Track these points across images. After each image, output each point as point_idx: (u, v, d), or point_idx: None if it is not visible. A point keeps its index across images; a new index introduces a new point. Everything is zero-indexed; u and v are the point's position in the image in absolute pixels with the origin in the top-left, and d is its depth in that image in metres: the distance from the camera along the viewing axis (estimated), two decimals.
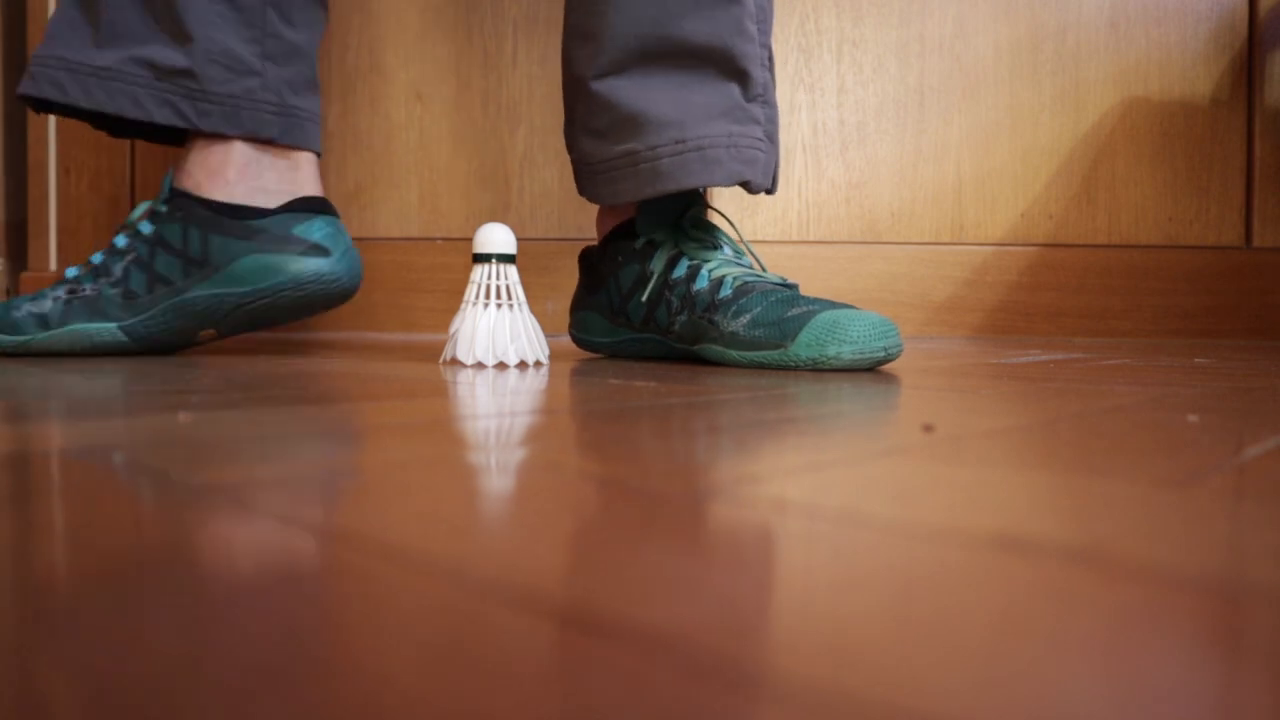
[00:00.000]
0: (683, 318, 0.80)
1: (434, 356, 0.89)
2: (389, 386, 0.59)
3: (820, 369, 0.71)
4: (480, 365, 0.77)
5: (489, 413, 0.47)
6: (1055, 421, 0.44)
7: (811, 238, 1.42)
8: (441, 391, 0.57)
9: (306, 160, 0.90)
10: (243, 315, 0.86)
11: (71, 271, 0.86)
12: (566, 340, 1.23)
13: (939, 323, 1.42)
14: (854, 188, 1.43)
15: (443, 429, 0.41)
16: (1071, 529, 0.23)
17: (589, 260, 0.93)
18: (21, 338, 0.83)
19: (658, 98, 0.76)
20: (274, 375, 0.67)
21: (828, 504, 0.26)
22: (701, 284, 0.79)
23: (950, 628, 0.16)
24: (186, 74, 0.83)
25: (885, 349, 0.71)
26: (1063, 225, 1.43)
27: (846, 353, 0.69)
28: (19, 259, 1.51)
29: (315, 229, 0.86)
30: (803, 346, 0.70)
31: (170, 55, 0.83)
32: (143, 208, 0.88)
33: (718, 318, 0.76)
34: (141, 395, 0.54)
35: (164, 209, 0.85)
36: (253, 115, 0.85)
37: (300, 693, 0.13)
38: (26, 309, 0.84)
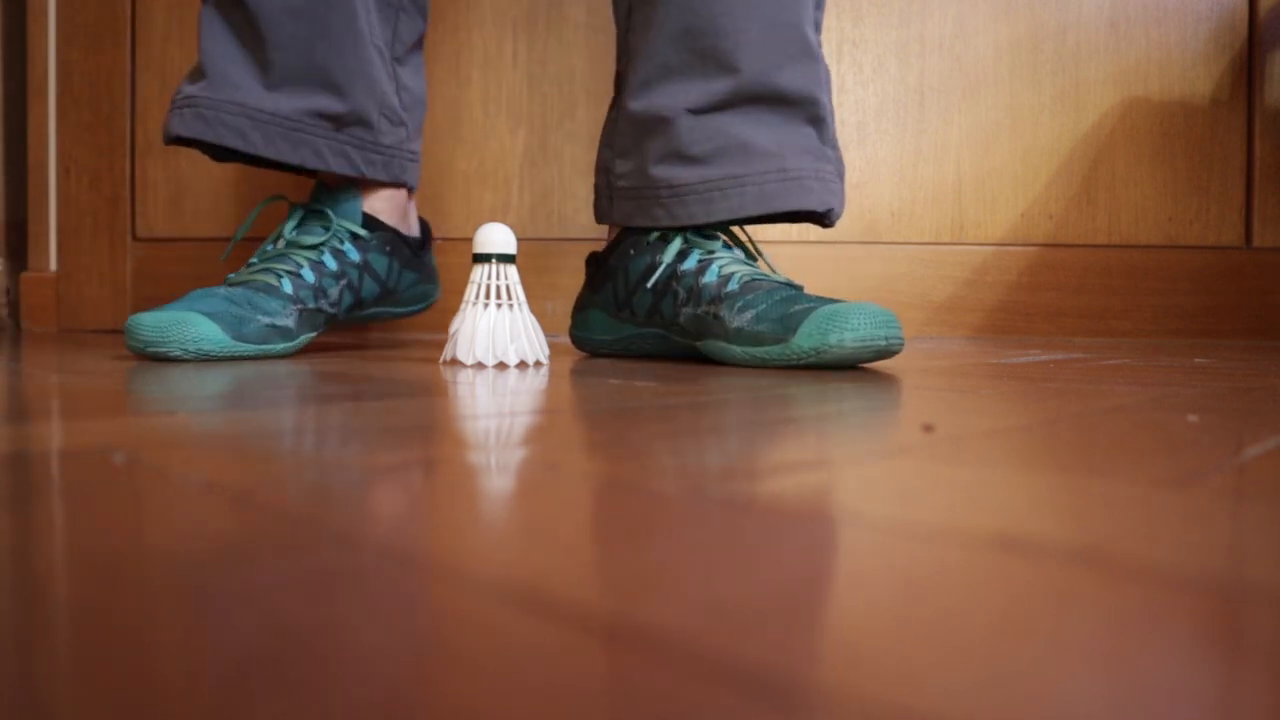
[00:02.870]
0: (688, 310, 0.80)
1: (434, 356, 0.89)
2: (389, 386, 0.59)
3: (823, 359, 0.70)
4: (480, 365, 0.77)
5: (489, 413, 0.47)
6: (1055, 421, 0.44)
7: (812, 238, 1.42)
8: (441, 391, 0.57)
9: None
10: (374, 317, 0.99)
11: (287, 286, 0.85)
12: (566, 340, 1.23)
13: (939, 323, 1.42)
14: (854, 188, 1.43)
15: (443, 429, 0.41)
16: (1071, 529, 0.23)
17: (597, 259, 0.93)
18: (266, 346, 0.82)
19: (761, 132, 0.83)
20: (273, 375, 0.67)
21: (828, 504, 0.26)
22: (710, 278, 0.80)
23: (950, 628, 0.16)
24: (363, 124, 0.90)
25: (886, 338, 0.70)
26: (1063, 225, 1.43)
27: (849, 340, 0.69)
28: (19, 259, 1.51)
29: (430, 258, 1.04)
30: (804, 337, 0.70)
31: (346, 106, 0.89)
32: (293, 221, 0.90)
33: (723, 312, 0.77)
34: (144, 396, 0.54)
35: (368, 236, 0.92)
36: (400, 165, 0.95)
37: (300, 693, 0.13)
38: (263, 321, 0.81)
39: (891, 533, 0.23)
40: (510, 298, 0.79)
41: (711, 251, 0.83)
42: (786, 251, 1.41)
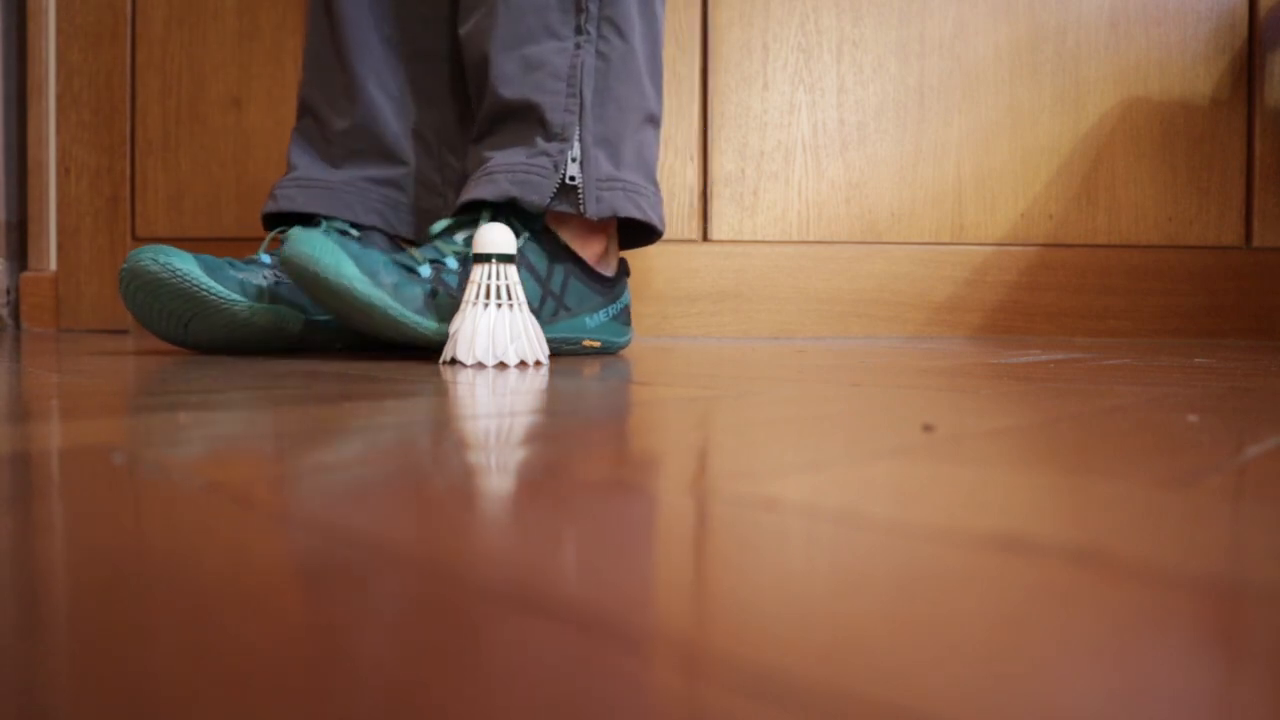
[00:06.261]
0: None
1: (434, 357, 0.89)
2: (389, 386, 0.59)
3: None
4: (480, 365, 0.77)
5: (489, 413, 0.47)
6: (1055, 421, 0.44)
7: (811, 238, 1.42)
8: (441, 391, 0.57)
9: None
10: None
11: (265, 259, 0.93)
12: None
13: (939, 323, 1.42)
14: (854, 188, 1.43)
15: (443, 429, 0.41)
16: (1072, 529, 0.23)
17: None
18: (233, 295, 0.87)
19: (491, 146, 0.96)
20: (274, 374, 0.67)
21: (828, 504, 0.26)
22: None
23: (950, 628, 0.16)
24: (398, 187, 1.04)
25: None
26: (1063, 225, 1.43)
27: None
28: (19, 259, 1.51)
29: None
30: None
31: (388, 173, 1.04)
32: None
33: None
34: (144, 395, 0.54)
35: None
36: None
37: (300, 693, 0.13)
38: (236, 275, 0.88)
39: (891, 533, 0.23)
40: (510, 298, 0.79)
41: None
42: (785, 250, 1.42)
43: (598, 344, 0.96)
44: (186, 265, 0.85)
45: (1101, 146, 1.44)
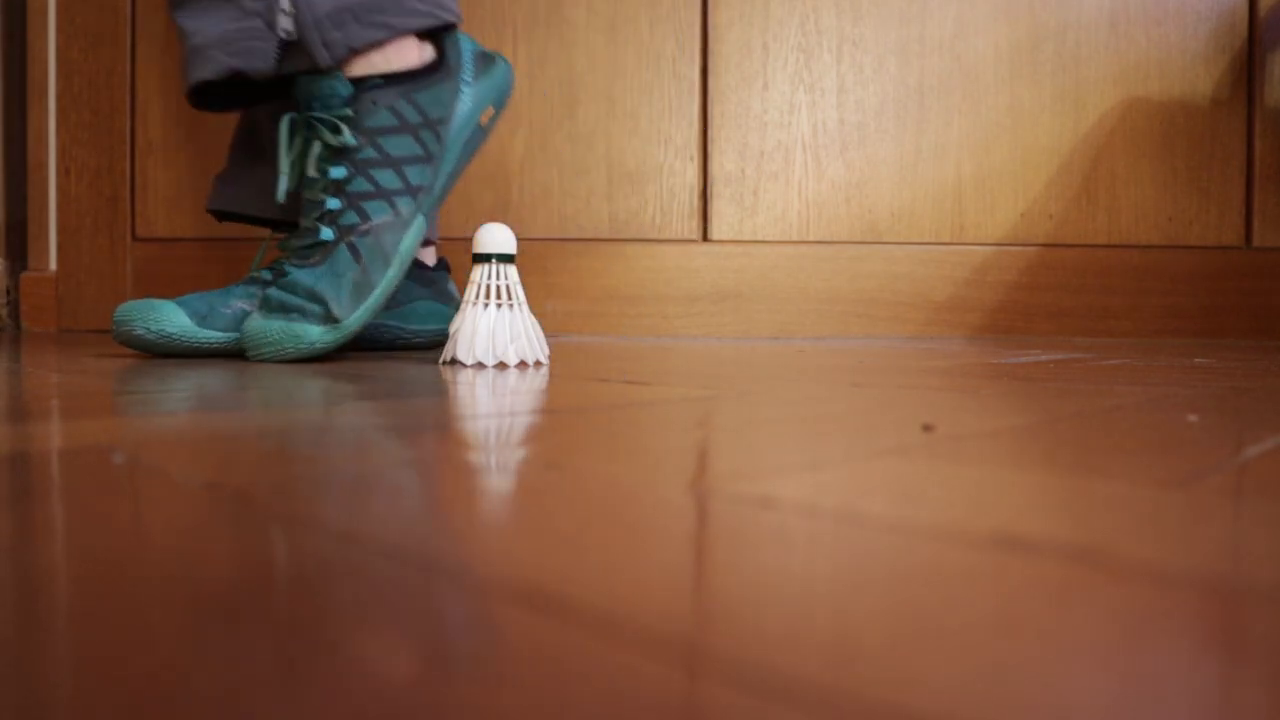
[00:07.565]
0: None
1: (434, 357, 0.89)
2: (389, 386, 0.59)
3: None
4: (480, 365, 0.77)
5: (489, 413, 0.47)
6: (1055, 421, 0.44)
7: (811, 238, 1.42)
8: (441, 391, 0.57)
9: None
10: (389, 342, 1.01)
11: (267, 276, 0.90)
12: (566, 340, 1.23)
13: (939, 323, 1.42)
14: (854, 188, 1.43)
15: (443, 429, 0.41)
16: (1071, 529, 0.23)
17: None
18: (235, 335, 0.86)
19: (195, 18, 0.86)
20: (274, 374, 0.67)
21: (828, 504, 0.26)
22: None
23: (950, 627, 0.16)
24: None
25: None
26: (1063, 225, 1.43)
27: None
28: (19, 259, 1.51)
29: (450, 286, 1.08)
30: None
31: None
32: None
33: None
34: (144, 395, 0.54)
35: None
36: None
37: (300, 691, 0.13)
38: (233, 308, 0.86)
39: (891, 533, 0.23)
40: (510, 298, 0.79)
41: None
42: (785, 250, 1.42)
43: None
44: (176, 324, 0.83)
45: (1101, 146, 1.44)
